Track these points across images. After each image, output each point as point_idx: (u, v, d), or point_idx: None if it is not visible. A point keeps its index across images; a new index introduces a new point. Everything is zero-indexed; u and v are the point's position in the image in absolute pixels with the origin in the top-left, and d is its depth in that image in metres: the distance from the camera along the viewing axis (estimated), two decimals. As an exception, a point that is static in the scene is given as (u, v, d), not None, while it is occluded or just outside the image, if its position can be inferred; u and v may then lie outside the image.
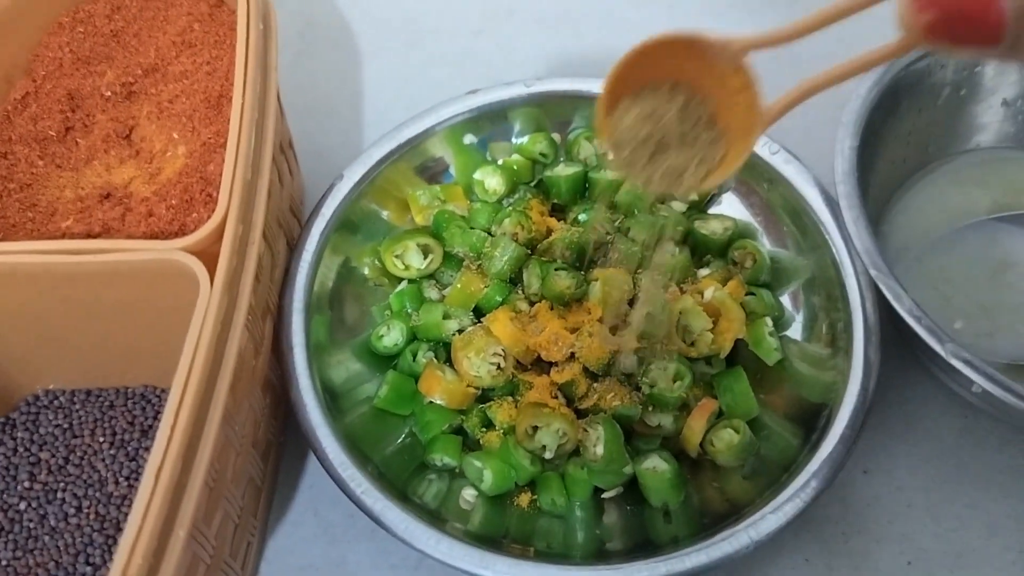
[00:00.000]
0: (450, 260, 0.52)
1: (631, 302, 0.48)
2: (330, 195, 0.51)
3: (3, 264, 0.39)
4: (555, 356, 0.46)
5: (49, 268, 0.39)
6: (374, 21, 0.69)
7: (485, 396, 0.48)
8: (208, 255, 0.39)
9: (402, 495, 0.44)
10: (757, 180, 0.52)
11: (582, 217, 0.52)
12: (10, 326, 0.44)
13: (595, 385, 0.46)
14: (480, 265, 0.50)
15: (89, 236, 0.44)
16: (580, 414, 0.46)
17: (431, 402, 0.48)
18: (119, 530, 0.43)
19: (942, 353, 0.41)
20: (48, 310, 0.43)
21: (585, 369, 0.46)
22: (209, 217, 0.43)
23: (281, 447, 0.50)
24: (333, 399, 0.46)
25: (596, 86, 0.55)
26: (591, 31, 0.69)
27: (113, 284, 0.40)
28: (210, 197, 0.44)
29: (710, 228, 0.52)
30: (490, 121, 0.55)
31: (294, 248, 0.50)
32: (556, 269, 0.49)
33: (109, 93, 0.49)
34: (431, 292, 0.52)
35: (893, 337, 0.46)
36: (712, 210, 0.54)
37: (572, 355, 0.46)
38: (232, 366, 0.38)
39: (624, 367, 0.46)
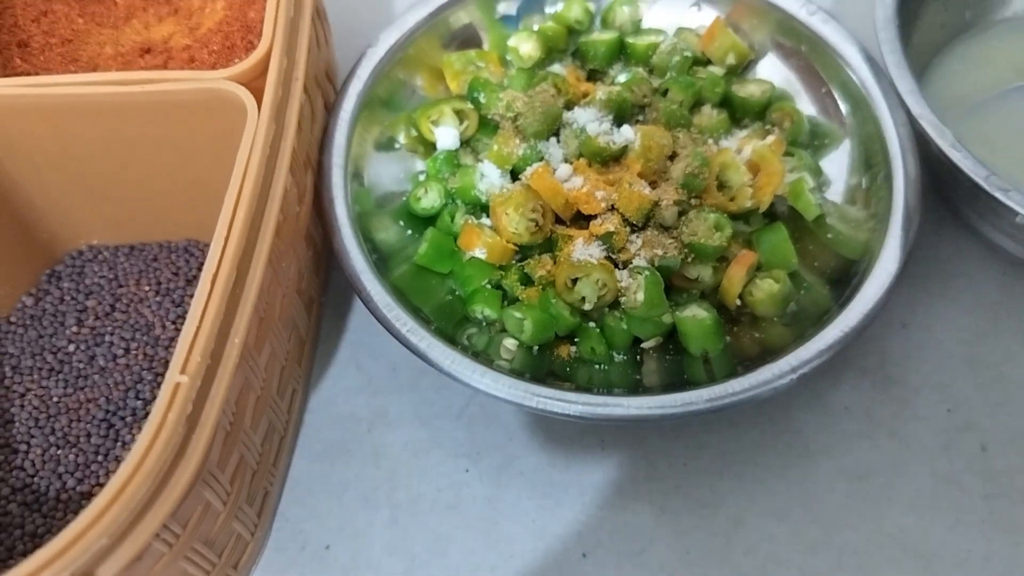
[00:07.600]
0: (486, 127, 0.52)
1: (671, 159, 0.48)
2: (365, 59, 0.51)
3: (48, 95, 0.40)
4: (594, 208, 0.46)
5: (92, 99, 0.40)
6: None
7: (524, 256, 0.48)
8: (254, 88, 0.40)
9: (447, 339, 0.44)
10: (796, 42, 0.52)
11: (620, 79, 0.52)
12: (52, 170, 0.44)
13: (634, 237, 0.46)
14: (517, 126, 0.50)
15: (132, 82, 0.44)
16: (620, 268, 0.47)
17: (471, 258, 0.48)
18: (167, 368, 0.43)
19: (984, 185, 0.41)
20: (90, 150, 0.43)
21: (625, 221, 0.46)
22: (252, 62, 0.43)
23: (322, 306, 0.51)
24: (377, 257, 0.47)
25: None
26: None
27: (158, 118, 0.40)
28: (251, 44, 0.44)
29: (748, 91, 0.52)
30: (524, -10, 0.55)
31: (331, 109, 0.50)
32: (594, 125, 0.48)
33: (146, -47, 0.49)
34: (467, 159, 0.52)
35: (933, 203, 0.45)
36: (750, 75, 0.54)
37: (612, 208, 0.46)
38: (280, 193, 0.38)
39: (664, 219, 0.46)
